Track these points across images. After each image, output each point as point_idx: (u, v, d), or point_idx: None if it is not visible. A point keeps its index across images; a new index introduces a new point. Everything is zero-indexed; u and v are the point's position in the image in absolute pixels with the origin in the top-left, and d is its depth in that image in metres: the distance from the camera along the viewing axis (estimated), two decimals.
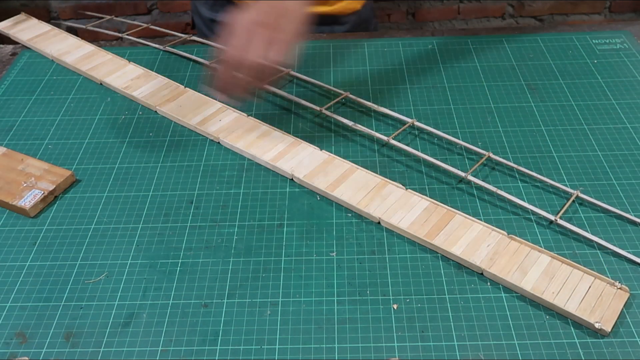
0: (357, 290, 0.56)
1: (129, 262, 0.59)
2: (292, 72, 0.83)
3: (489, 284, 0.56)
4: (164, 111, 0.77)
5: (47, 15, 1.90)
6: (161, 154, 0.71)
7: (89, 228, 0.63)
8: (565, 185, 0.65)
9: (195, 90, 0.80)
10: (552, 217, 0.61)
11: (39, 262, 0.59)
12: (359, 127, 0.71)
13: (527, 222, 0.62)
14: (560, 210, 0.62)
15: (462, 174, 0.66)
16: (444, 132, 0.72)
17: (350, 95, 0.78)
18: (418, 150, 0.70)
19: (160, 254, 0.60)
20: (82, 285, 0.57)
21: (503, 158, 0.69)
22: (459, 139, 0.72)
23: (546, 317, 0.53)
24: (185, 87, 0.81)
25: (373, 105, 0.76)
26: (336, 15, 0.98)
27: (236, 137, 0.72)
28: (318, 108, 0.75)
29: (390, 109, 0.76)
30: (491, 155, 0.68)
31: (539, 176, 0.66)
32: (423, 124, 0.73)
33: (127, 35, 0.93)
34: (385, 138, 0.64)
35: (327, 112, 0.75)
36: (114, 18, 1.02)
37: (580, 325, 0.53)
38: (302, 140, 0.71)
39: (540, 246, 0.59)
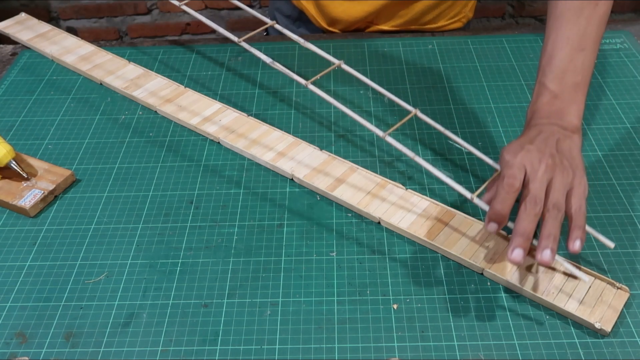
0: (357, 290, 0.56)
1: (129, 262, 0.59)
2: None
3: (489, 284, 0.56)
4: (164, 111, 0.77)
5: (47, 15, 1.90)
6: (161, 154, 0.71)
7: (89, 228, 0.63)
8: None
9: (195, 90, 0.80)
10: None
11: (39, 262, 0.59)
12: (360, 119, 0.60)
13: None
14: None
15: (468, 195, 0.57)
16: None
17: (344, 66, 0.66)
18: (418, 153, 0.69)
19: (160, 254, 0.60)
20: (82, 285, 0.57)
21: None
22: (459, 139, 0.72)
23: (546, 317, 0.53)
24: (185, 87, 0.81)
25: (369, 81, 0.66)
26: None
27: (236, 137, 0.72)
28: (304, 82, 0.62)
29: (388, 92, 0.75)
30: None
31: None
32: (425, 116, 0.64)
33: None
34: (381, 134, 0.60)
35: (312, 87, 0.62)
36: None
37: (580, 325, 0.53)
38: (302, 140, 0.71)
39: None
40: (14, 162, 0.66)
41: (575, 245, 0.52)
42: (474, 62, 0.85)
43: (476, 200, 0.56)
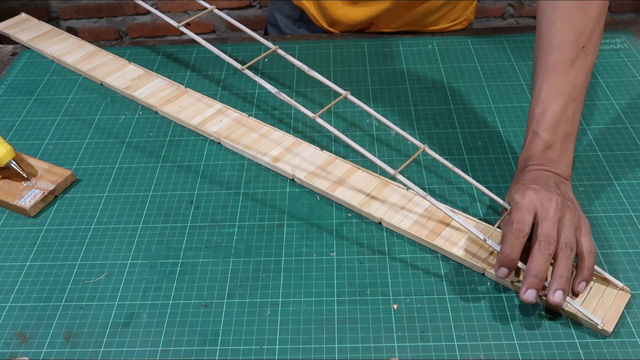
0: (357, 290, 0.56)
1: (129, 262, 0.59)
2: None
3: (488, 284, 0.56)
4: (165, 111, 0.77)
5: (47, 15, 1.90)
6: (161, 154, 0.71)
7: (89, 228, 0.63)
8: None
9: (196, 90, 0.80)
10: None
11: (39, 262, 0.59)
12: (368, 155, 0.60)
13: None
14: None
15: (481, 236, 0.57)
16: (454, 164, 0.62)
17: (350, 97, 0.69)
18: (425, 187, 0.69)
19: (160, 254, 0.60)
20: (82, 285, 0.57)
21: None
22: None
23: (546, 317, 0.53)
24: (185, 87, 0.81)
25: (385, 121, 0.67)
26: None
27: (237, 138, 0.72)
28: (312, 115, 0.62)
29: (394, 123, 0.75)
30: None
31: None
32: (433, 152, 0.62)
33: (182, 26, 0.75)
34: (392, 171, 0.59)
35: (320, 121, 0.62)
36: None
37: (581, 325, 0.53)
38: (302, 141, 0.71)
39: None
40: (14, 162, 0.66)
41: (581, 286, 0.54)
42: (474, 62, 0.85)
43: (489, 242, 0.56)
